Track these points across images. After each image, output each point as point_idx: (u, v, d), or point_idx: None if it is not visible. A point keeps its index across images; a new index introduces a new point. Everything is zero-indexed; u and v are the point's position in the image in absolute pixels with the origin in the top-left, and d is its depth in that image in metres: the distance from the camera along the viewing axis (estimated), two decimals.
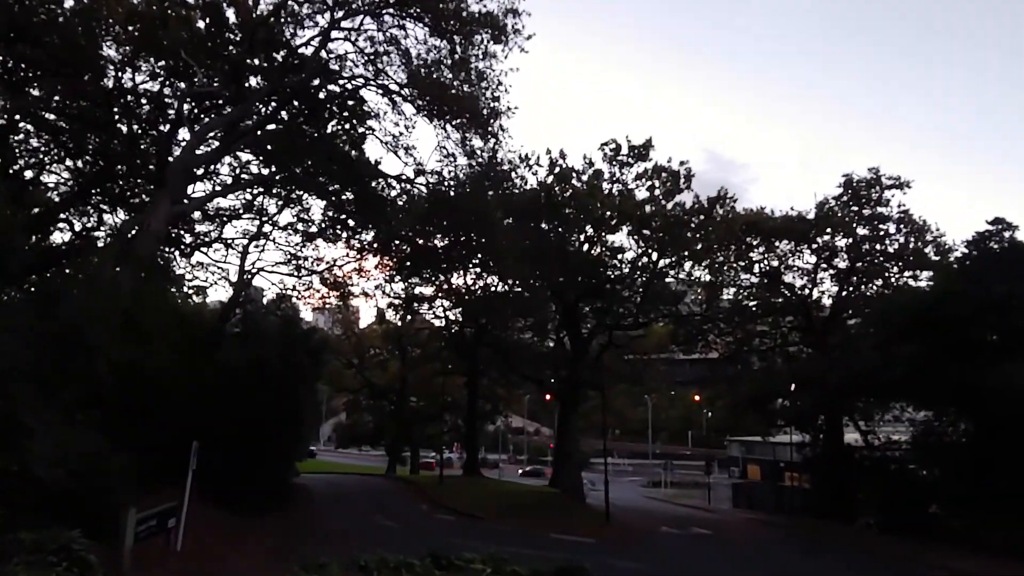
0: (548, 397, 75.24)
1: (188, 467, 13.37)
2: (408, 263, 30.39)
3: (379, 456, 67.22)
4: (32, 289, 18.88)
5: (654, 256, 30.62)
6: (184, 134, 21.74)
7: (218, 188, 24.32)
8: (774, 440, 44.84)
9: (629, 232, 30.43)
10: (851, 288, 34.76)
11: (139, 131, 23.13)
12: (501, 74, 20.02)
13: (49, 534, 9.28)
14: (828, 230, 33.69)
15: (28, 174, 23.01)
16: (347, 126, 24.87)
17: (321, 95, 24.13)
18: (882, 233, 33.08)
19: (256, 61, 22.32)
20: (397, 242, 27.97)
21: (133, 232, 19.26)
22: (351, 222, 26.78)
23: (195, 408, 16.62)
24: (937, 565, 19.18)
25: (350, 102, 24.39)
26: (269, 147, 24.72)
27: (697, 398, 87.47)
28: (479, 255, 24.86)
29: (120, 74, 21.98)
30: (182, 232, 27.83)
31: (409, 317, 45.55)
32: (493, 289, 34.82)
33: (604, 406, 28.03)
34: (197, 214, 28.48)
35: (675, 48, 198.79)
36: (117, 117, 22.29)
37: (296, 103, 24.23)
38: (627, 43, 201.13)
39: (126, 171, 23.76)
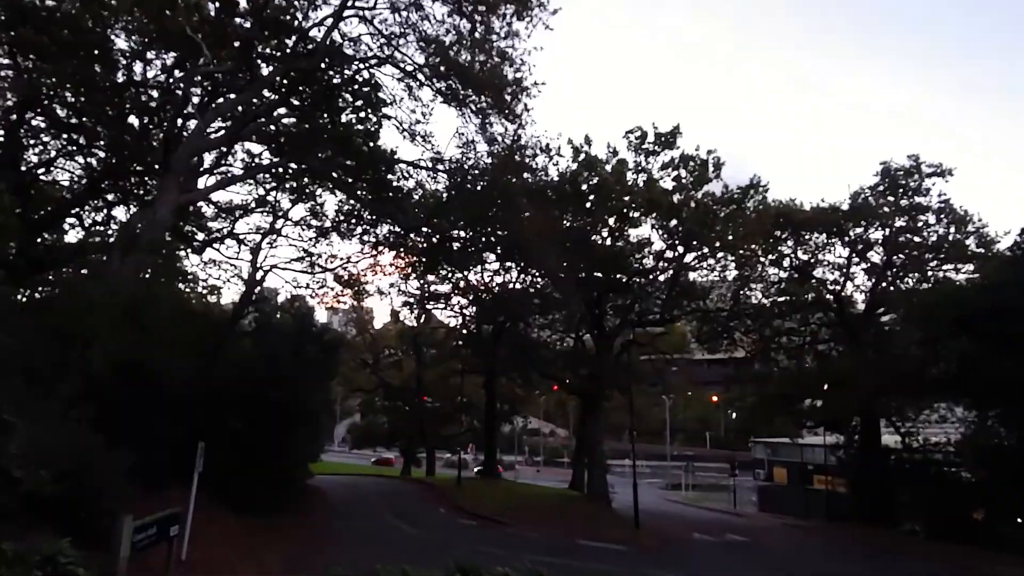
0: (563, 398, 74.48)
1: (194, 469, 12.32)
2: (425, 258, 29.35)
3: (393, 456, 66.55)
4: (39, 286, 18.18)
5: (680, 249, 29.29)
6: (192, 121, 21.04)
7: (229, 176, 23.38)
8: (802, 442, 43.29)
9: (654, 225, 29.17)
10: (887, 282, 33.17)
11: (150, 125, 22.41)
12: (524, 53, 18.90)
13: (34, 544, 8.27)
14: (863, 222, 32.17)
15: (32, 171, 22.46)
16: (362, 115, 23.95)
17: (335, 81, 23.22)
18: (920, 224, 31.52)
19: (266, 48, 21.52)
20: (413, 235, 27.00)
21: (140, 225, 18.47)
22: (366, 215, 25.85)
23: (203, 406, 15.65)
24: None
25: (364, 88, 23.45)
26: (281, 136, 23.97)
27: (715, 399, 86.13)
28: (503, 245, 23.46)
29: (130, 65, 21.33)
30: (194, 229, 27.18)
31: (424, 316, 44.64)
32: (514, 284, 33.77)
33: (631, 406, 26.79)
34: (208, 210, 27.82)
35: (700, 30, 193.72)
36: (128, 110, 21.60)
37: (307, 90, 23.35)
38: (653, 24, 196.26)
39: (137, 166, 23.13)
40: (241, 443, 16.00)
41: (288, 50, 21.62)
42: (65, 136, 21.80)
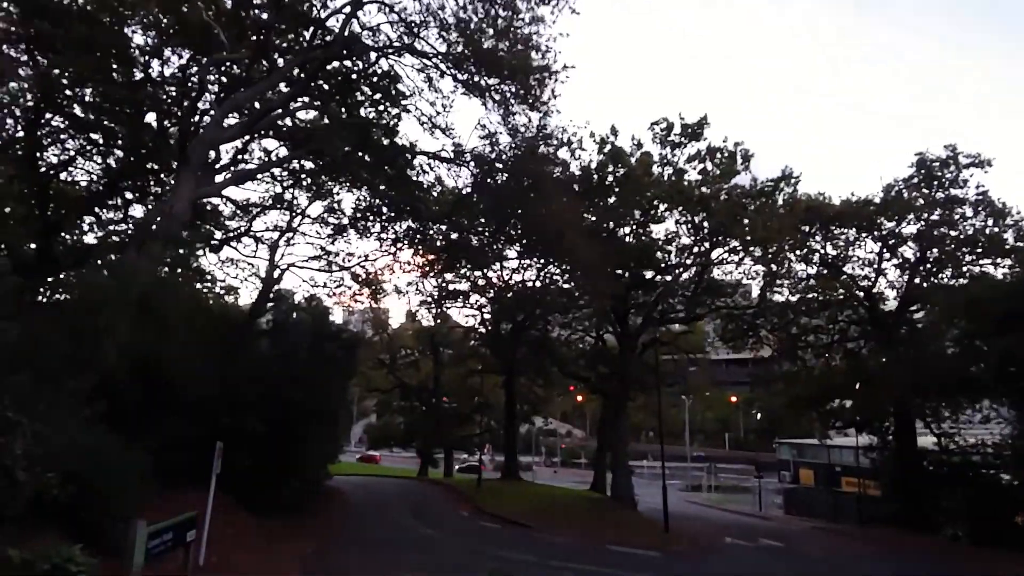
0: (580, 398, 73.46)
1: (211, 470, 11.76)
2: (444, 255, 28.76)
3: (410, 457, 66.18)
4: (58, 288, 17.83)
5: (707, 244, 28.38)
6: (208, 116, 20.66)
7: (246, 169, 22.99)
8: (830, 443, 42.14)
9: (678, 220, 28.30)
10: (921, 278, 32.03)
11: (166, 123, 22.11)
12: (550, 39, 18.18)
13: (42, 550, 7.72)
14: (896, 215, 31.07)
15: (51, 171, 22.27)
16: (380, 108, 23.46)
17: (353, 75, 22.75)
18: (957, 217, 30.36)
19: (283, 42, 21.11)
20: (433, 230, 26.44)
21: (157, 219, 18.09)
22: (384, 210, 25.33)
23: (220, 405, 15.13)
24: None
25: (383, 82, 22.95)
26: (298, 131, 23.54)
27: (734, 399, 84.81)
28: (529, 238, 22.58)
29: (147, 63, 21.06)
30: (211, 227, 26.89)
31: (442, 315, 44.10)
32: (533, 282, 33.03)
33: (659, 407, 25.92)
34: (226, 209, 27.52)
35: (730, 19, 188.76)
36: (145, 108, 21.33)
37: (325, 83, 22.90)
38: (668, 12, 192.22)
39: (154, 165, 22.88)
40: (259, 443, 15.45)
41: (305, 41, 21.23)
42: (84, 137, 21.59)
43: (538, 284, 32.91)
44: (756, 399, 72.27)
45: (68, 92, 19.86)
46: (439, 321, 46.16)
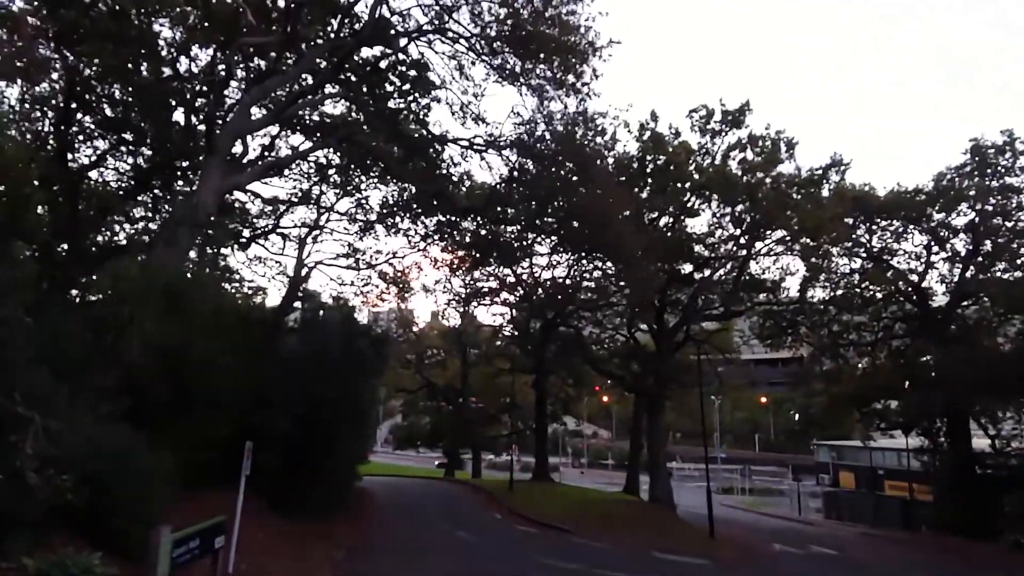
0: (605, 399, 72.18)
1: (240, 471, 11.06)
2: (475, 250, 27.98)
3: (436, 458, 65.56)
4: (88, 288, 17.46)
5: (747, 237, 27.13)
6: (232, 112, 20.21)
7: (274, 159, 22.53)
8: (873, 445, 40.45)
9: (716, 212, 27.10)
10: (973, 271, 30.39)
11: (194, 121, 21.77)
12: (588, 19, 17.24)
13: (57, 559, 7.05)
14: (948, 205, 29.53)
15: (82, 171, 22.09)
16: (410, 99, 22.81)
17: (382, 64, 22.12)
18: (1012, 207, 28.74)
19: (311, 31, 20.53)
20: (464, 226, 25.71)
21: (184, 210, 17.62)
22: (414, 204, 24.67)
23: (249, 403, 14.49)
24: None
25: (412, 71, 22.28)
26: (325, 123, 23.01)
27: (763, 400, 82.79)
28: (572, 225, 21.49)
29: (176, 58, 20.72)
30: (239, 225, 26.57)
31: (470, 314, 43.41)
32: (564, 279, 32.06)
33: (701, 406, 24.75)
34: (253, 207, 27.17)
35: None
36: (173, 106, 20.99)
37: (354, 76, 22.32)
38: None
39: (183, 162, 22.57)
40: (290, 443, 14.80)
41: (334, 30, 20.63)
42: (114, 136, 21.36)
43: (569, 281, 32.00)
44: (786, 399, 70.13)
45: (97, 89, 19.59)
46: (467, 320, 45.49)
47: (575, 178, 18.43)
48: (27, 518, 6.72)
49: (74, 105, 19.36)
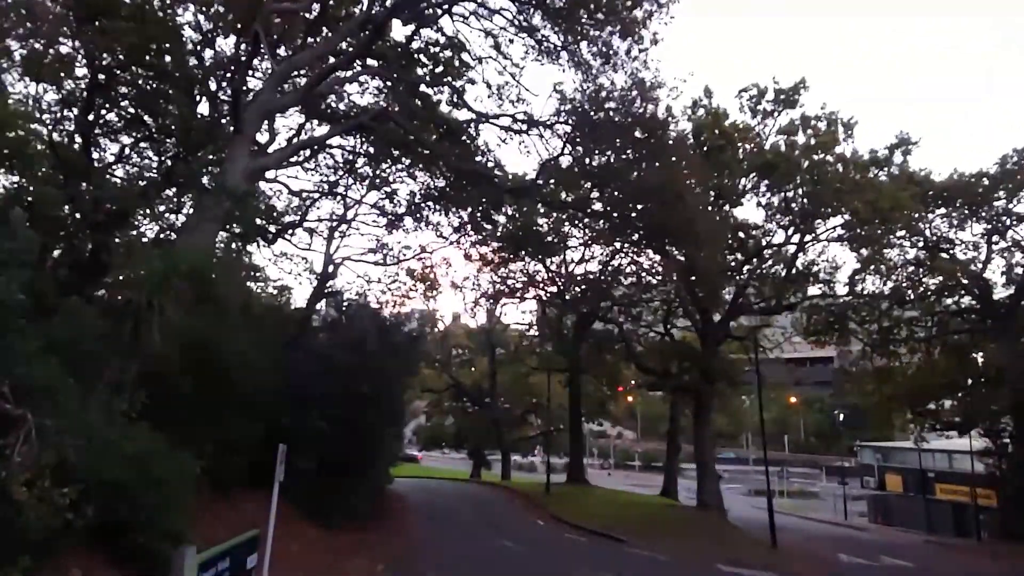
0: (629, 399, 70.34)
1: (272, 476, 9.81)
2: (508, 243, 26.67)
3: (461, 459, 64.36)
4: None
5: (801, 225, 25.42)
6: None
7: (302, 140, 21.50)
8: (925, 447, 38.36)
9: (771, 199, 25.39)
10: None
11: (218, 114, 20.85)
12: None
13: None
14: (1013, 191, 27.59)
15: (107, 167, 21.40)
16: (443, 82, 21.66)
17: (414, 44, 20.97)
18: None
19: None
20: (498, 216, 24.42)
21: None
22: (448, 190, 23.45)
23: (282, 401, 13.30)
24: None
25: (446, 52, 21.10)
26: (352, 112, 21.94)
27: (793, 400, 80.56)
28: (633, 206, 19.67)
29: (200, 50, 19.83)
30: (265, 220, 25.71)
31: (499, 310, 42.10)
32: (596, 274, 30.58)
33: (760, 404, 23.14)
34: (279, 203, 26.27)
35: None
36: (197, 93, 20.10)
37: (384, 60, 21.20)
38: None
39: (210, 156, 21.73)
40: (326, 444, 13.60)
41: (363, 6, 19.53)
42: (138, 131, 20.57)
43: (604, 275, 30.53)
44: (816, 399, 67.43)
45: (120, 77, 18.74)
46: (494, 318, 44.21)
47: (643, 150, 16.80)
48: (36, 536, 5.48)
49: (99, 100, 18.63)
